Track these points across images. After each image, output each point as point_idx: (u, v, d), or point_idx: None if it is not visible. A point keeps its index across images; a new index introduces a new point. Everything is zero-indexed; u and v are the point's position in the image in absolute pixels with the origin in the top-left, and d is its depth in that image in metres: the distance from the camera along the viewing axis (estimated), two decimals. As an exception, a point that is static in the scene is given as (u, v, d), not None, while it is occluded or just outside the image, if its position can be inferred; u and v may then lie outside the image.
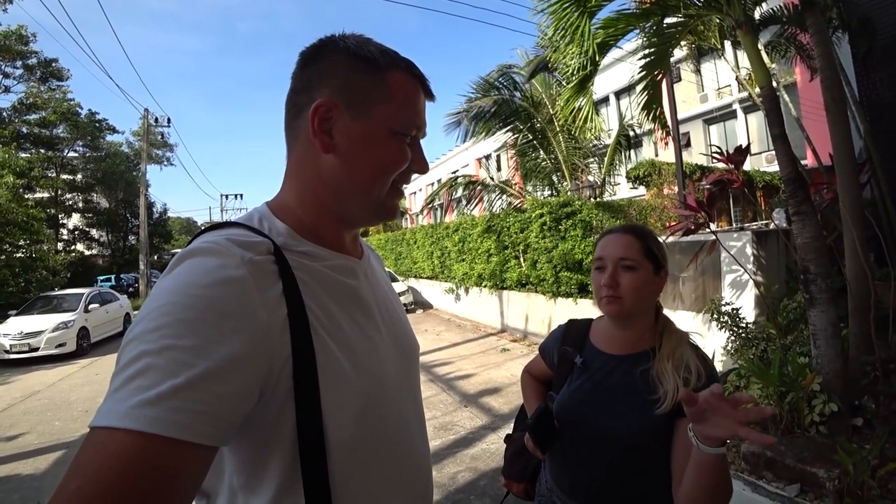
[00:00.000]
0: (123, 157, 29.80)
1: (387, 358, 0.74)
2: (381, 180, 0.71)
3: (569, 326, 1.34)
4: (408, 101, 0.72)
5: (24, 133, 21.09)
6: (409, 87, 0.72)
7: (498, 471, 3.70)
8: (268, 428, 0.58)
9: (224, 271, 0.56)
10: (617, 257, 1.13)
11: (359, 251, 0.82)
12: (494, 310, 10.26)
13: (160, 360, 0.48)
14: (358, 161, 0.70)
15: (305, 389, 0.58)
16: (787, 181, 3.27)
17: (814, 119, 6.70)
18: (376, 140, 0.70)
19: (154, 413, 0.45)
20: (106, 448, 0.44)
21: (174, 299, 0.52)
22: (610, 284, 1.12)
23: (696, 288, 5.85)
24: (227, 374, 0.50)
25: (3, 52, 17.63)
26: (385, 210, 0.75)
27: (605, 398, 1.13)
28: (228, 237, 0.61)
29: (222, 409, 0.50)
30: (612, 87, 19.57)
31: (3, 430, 5.52)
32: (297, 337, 0.59)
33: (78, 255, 26.44)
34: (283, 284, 0.61)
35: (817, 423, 3.09)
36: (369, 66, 0.70)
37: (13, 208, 11.10)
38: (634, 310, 1.13)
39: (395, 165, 0.72)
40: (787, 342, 4.11)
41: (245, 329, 0.53)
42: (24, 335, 9.47)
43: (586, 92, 4.79)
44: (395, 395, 0.73)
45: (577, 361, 1.22)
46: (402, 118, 0.71)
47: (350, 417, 0.63)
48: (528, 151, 10.92)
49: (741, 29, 3.53)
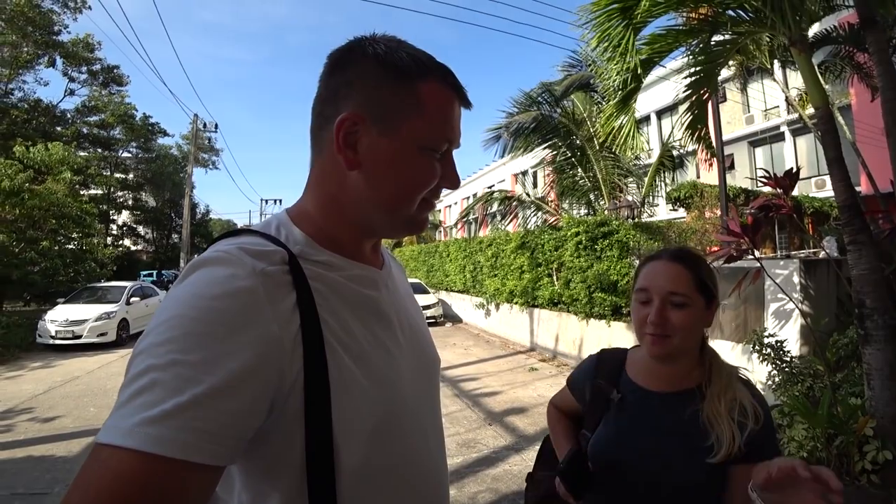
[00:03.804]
0: (172, 159, 31.27)
1: (406, 372, 0.70)
2: (407, 199, 0.68)
3: (601, 358, 1.21)
4: (440, 114, 0.67)
5: (84, 133, 22.40)
6: (441, 99, 0.68)
7: (520, 495, 3.59)
8: (276, 446, 0.56)
9: (234, 282, 0.54)
10: (666, 292, 1.01)
11: (380, 261, 0.78)
12: (524, 327, 10.10)
13: (166, 376, 0.47)
14: (384, 180, 0.66)
15: (316, 407, 0.56)
16: (844, 208, 3.09)
17: (869, 143, 6.37)
18: (404, 158, 0.66)
19: (157, 432, 0.44)
20: (107, 467, 0.44)
21: (182, 311, 0.51)
22: (657, 323, 1.00)
23: (737, 316, 5.58)
24: (233, 391, 0.49)
25: (72, 58, 18.80)
26: (413, 225, 0.71)
27: (648, 441, 1.03)
28: (241, 246, 0.59)
29: (228, 428, 0.48)
30: (654, 107, 19.28)
31: (43, 411, 5.78)
32: (310, 351, 0.57)
33: (124, 250, 27.80)
34: (297, 296, 0.58)
35: (869, 472, 2.86)
36: (400, 75, 0.66)
37: (69, 202, 11.72)
38: (682, 349, 1.02)
39: (424, 185, 0.68)
40: (837, 380, 3.85)
41: (254, 343, 0.52)
42: (69, 322, 9.94)
43: (628, 109, 4.69)
44: (413, 409, 0.70)
45: (613, 398, 1.10)
46: (434, 133, 0.67)
47: (364, 437, 0.60)
48: (566, 169, 10.81)
49: (795, 47, 3.39)
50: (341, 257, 0.68)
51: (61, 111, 20.47)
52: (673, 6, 3.83)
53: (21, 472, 4.04)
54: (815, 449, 2.98)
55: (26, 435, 4.95)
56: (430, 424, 0.75)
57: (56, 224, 11.63)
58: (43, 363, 8.68)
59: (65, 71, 19.68)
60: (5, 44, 15.92)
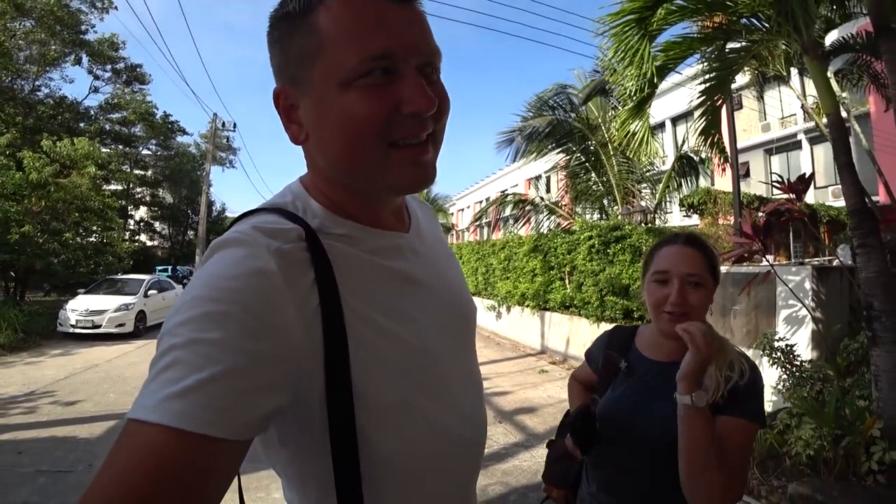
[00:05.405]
0: (190, 157, 31.70)
1: (436, 336, 0.68)
2: (354, 150, 0.58)
3: (614, 332, 1.34)
4: (350, 29, 0.55)
5: (107, 130, 22.83)
6: (346, 12, 0.55)
7: (529, 488, 3.67)
8: (302, 427, 0.57)
9: (249, 262, 0.53)
10: (685, 273, 1.10)
11: (405, 222, 0.74)
12: (535, 330, 10.13)
13: (187, 354, 0.47)
14: (325, 141, 0.60)
15: (337, 386, 0.55)
16: (853, 213, 3.13)
17: (887, 152, 6.33)
18: (329, 105, 0.57)
19: (181, 407, 0.44)
20: (136, 440, 0.44)
21: (201, 293, 0.51)
22: (678, 302, 1.09)
23: (749, 322, 5.59)
24: (253, 369, 0.49)
25: (97, 56, 19.20)
26: (396, 179, 0.61)
27: (649, 403, 1.13)
28: (255, 225, 0.58)
29: (249, 405, 0.48)
30: (669, 113, 19.20)
31: (64, 395, 5.98)
32: (330, 329, 0.55)
33: (141, 245, 28.28)
34: (315, 272, 0.56)
35: (875, 472, 2.89)
36: (292, 19, 0.58)
37: (92, 196, 12.02)
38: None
39: (364, 123, 0.56)
40: (846, 385, 3.87)
41: (271, 323, 0.51)
42: (89, 312, 10.22)
43: (643, 115, 4.76)
44: (446, 371, 0.68)
45: (621, 366, 1.22)
46: (347, 58, 0.55)
47: (390, 413, 0.59)
48: (580, 173, 10.86)
49: (808, 55, 3.44)
50: (362, 226, 0.64)
51: (85, 108, 20.91)
52: (688, 15, 3.91)
53: (45, 452, 4.19)
54: (822, 448, 3.02)
55: (49, 417, 5.13)
56: (463, 385, 0.72)
57: (79, 217, 11.93)
58: (63, 350, 8.95)
59: (90, 69, 20.07)
60: (34, 42, 16.35)
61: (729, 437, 1.01)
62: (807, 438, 3.08)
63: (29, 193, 10.66)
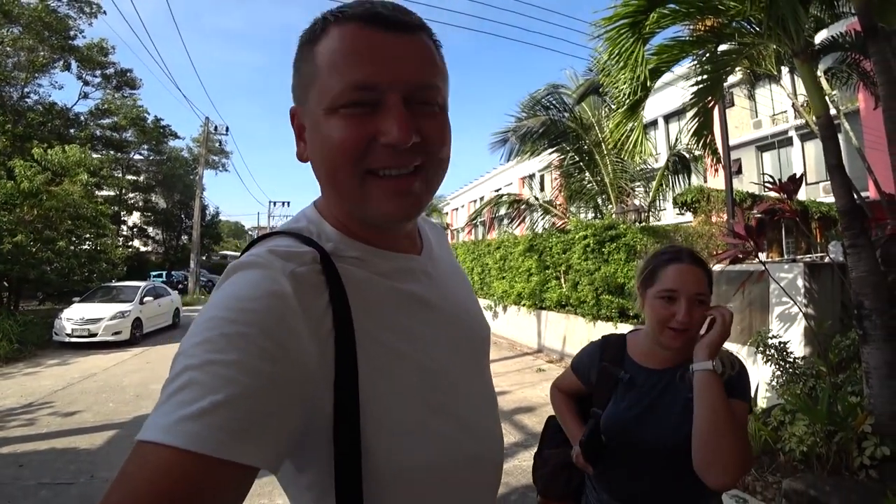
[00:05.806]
0: (183, 161, 31.53)
1: (448, 354, 0.68)
2: (332, 175, 0.60)
3: (605, 343, 1.37)
4: (337, 60, 0.57)
5: (98, 135, 22.66)
6: (337, 42, 0.58)
7: (529, 488, 3.69)
8: (313, 448, 0.57)
9: (266, 284, 0.54)
10: (693, 293, 1.16)
11: (417, 245, 0.75)
12: (532, 329, 10.19)
13: (203, 375, 0.46)
14: (315, 163, 0.63)
15: (346, 408, 0.55)
16: (843, 213, 3.20)
17: (877, 149, 6.41)
18: (317, 129, 0.60)
19: (195, 429, 0.44)
20: (148, 462, 0.43)
21: (217, 314, 0.51)
22: (687, 321, 1.14)
23: (742, 320, 5.66)
24: (269, 392, 0.48)
25: (86, 62, 19.07)
26: (375, 210, 0.61)
27: (656, 411, 1.20)
28: (271, 249, 0.59)
29: (264, 428, 0.48)
30: (662, 111, 19.26)
31: (63, 406, 5.95)
32: (342, 351, 0.56)
33: (135, 251, 28.09)
34: (330, 295, 0.57)
35: (867, 467, 2.95)
36: (304, 47, 0.62)
37: (85, 203, 11.92)
38: (695, 338, 1.18)
39: (337, 150, 0.57)
40: (838, 381, 3.94)
41: (287, 345, 0.51)
42: (84, 321, 10.15)
43: (637, 116, 4.81)
44: (460, 391, 0.69)
45: (622, 378, 1.26)
46: (332, 86, 0.57)
47: (399, 435, 0.59)
48: (574, 173, 10.91)
49: (799, 58, 3.50)
50: (375, 249, 0.65)
51: (75, 114, 20.77)
52: (680, 18, 3.96)
53: (46, 463, 4.19)
54: (815, 444, 3.08)
55: (49, 428, 5.11)
56: (477, 405, 0.72)
57: (72, 224, 11.84)
58: (60, 360, 8.90)
59: (79, 74, 19.94)
60: (23, 48, 16.21)
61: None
62: (800, 435, 3.14)
63: (21, 202, 10.56)
